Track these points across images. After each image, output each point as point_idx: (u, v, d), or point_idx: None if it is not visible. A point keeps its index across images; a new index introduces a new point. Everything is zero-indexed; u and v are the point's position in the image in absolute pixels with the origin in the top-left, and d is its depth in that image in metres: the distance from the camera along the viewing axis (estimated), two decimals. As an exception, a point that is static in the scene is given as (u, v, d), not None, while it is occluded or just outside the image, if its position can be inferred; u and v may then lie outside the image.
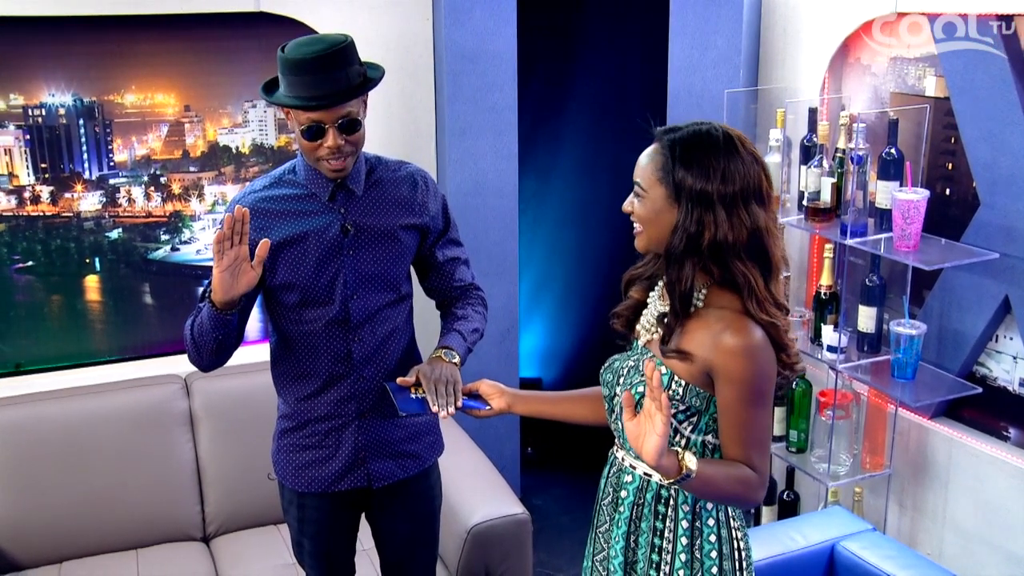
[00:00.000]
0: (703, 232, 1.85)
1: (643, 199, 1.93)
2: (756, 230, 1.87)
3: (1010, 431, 2.99)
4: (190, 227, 3.60)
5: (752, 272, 1.87)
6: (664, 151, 1.89)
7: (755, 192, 1.87)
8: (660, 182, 1.89)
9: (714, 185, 1.84)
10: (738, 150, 1.87)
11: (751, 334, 1.85)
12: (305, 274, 2.37)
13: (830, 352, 3.21)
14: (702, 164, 1.85)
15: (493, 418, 2.38)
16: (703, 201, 1.85)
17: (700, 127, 1.90)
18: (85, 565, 3.10)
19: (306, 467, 2.49)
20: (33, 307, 3.46)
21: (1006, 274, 2.91)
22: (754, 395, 1.86)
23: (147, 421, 3.27)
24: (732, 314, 1.88)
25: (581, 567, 3.72)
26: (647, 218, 1.93)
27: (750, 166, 1.87)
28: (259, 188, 2.41)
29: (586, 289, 5.04)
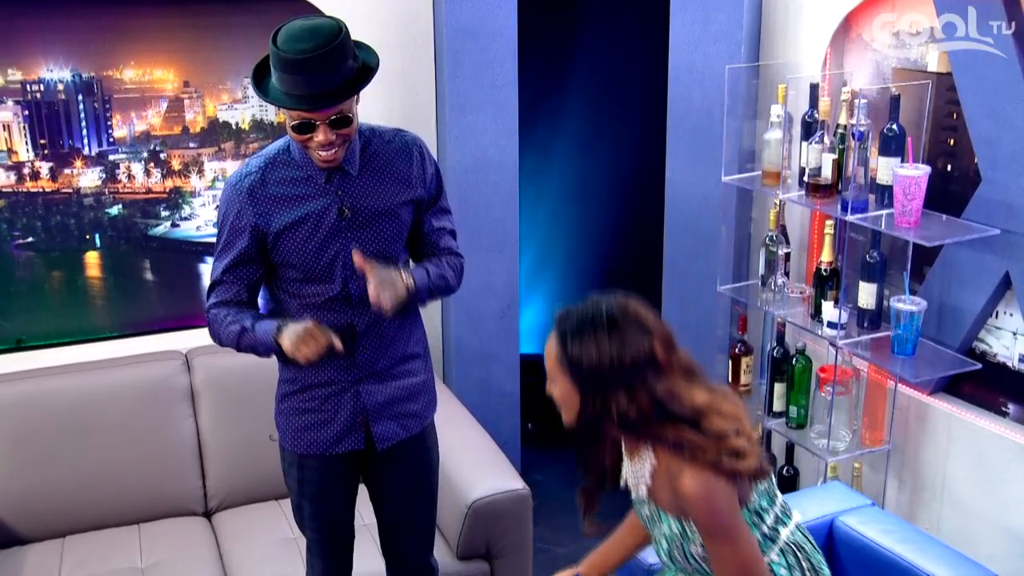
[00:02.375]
0: (609, 411, 1.92)
1: (554, 384, 2.00)
2: (655, 401, 1.92)
3: (1009, 407, 3.00)
4: (190, 203, 3.60)
5: (674, 430, 1.93)
6: (559, 340, 1.96)
7: (647, 362, 1.92)
8: (561, 371, 1.96)
9: (603, 367, 1.90)
10: (621, 325, 1.92)
11: (691, 486, 1.91)
12: (306, 255, 2.39)
13: (830, 328, 3.21)
14: (589, 348, 1.91)
15: (496, 395, 2.40)
16: (598, 383, 1.92)
17: (587, 310, 1.96)
18: (88, 539, 3.12)
19: (306, 430, 2.51)
20: (33, 283, 3.46)
21: (1007, 250, 2.91)
22: (720, 530, 1.94)
23: (148, 397, 3.28)
24: (677, 462, 1.94)
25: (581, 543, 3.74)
26: (561, 402, 2.01)
27: (637, 338, 1.92)
28: (255, 169, 2.40)
29: (586, 265, 5.04)
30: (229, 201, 2.40)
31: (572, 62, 4.73)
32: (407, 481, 2.63)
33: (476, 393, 3.83)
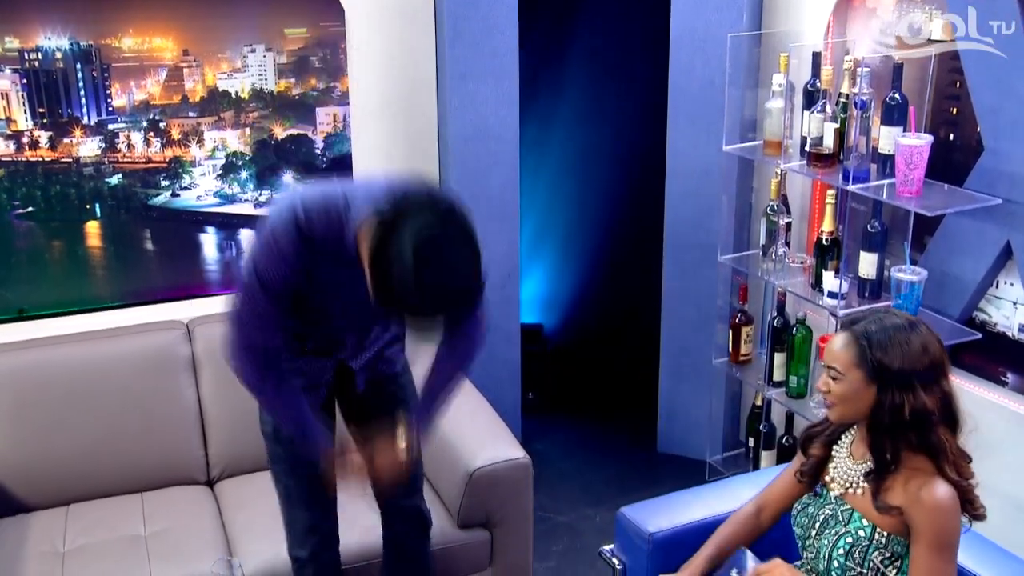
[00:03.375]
0: (904, 407, 2.07)
1: (841, 380, 2.15)
2: (946, 396, 2.11)
3: (1008, 376, 3.01)
4: (190, 173, 3.59)
5: (946, 436, 2.10)
6: (859, 339, 2.12)
7: (940, 365, 2.11)
8: (857, 366, 2.12)
9: (909, 365, 2.08)
10: (920, 329, 2.12)
11: (944, 495, 2.07)
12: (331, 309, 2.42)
13: (831, 298, 3.21)
14: (895, 347, 2.09)
15: (497, 365, 2.42)
16: (902, 380, 2.08)
17: (882, 316, 2.15)
18: (91, 507, 3.14)
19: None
20: (34, 253, 3.46)
21: (1008, 220, 2.91)
22: (942, 548, 2.07)
23: (150, 366, 3.29)
24: (927, 475, 2.10)
25: (580, 512, 3.78)
26: (845, 397, 2.15)
27: (932, 343, 2.11)
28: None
29: (587, 235, 5.04)
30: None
31: (573, 31, 4.71)
32: (381, 409, 2.59)
33: (477, 363, 3.82)
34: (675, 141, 3.90)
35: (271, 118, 3.65)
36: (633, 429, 4.48)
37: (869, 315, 2.17)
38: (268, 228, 2.20)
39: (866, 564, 2.14)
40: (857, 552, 2.15)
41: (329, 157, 3.75)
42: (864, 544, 2.14)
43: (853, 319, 2.19)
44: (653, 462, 4.28)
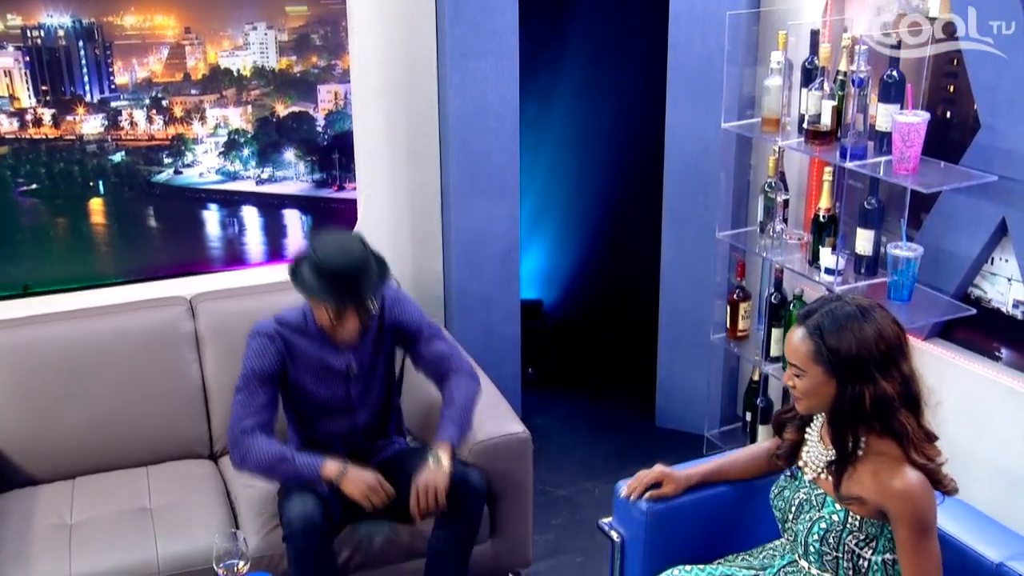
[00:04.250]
0: (864, 397, 2.09)
1: (803, 377, 2.16)
2: (906, 379, 2.12)
3: (1002, 351, 3.05)
4: (192, 150, 3.61)
5: (908, 420, 2.12)
6: (812, 334, 2.12)
7: (897, 348, 2.12)
8: (815, 362, 2.12)
9: (865, 353, 2.08)
10: (873, 315, 2.11)
11: (914, 481, 2.09)
12: (316, 398, 2.93)
13: (827, 274, 3.24)
14: (848, 338, 2.09)
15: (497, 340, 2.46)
16: (860, 371, 2.09)
17: (834, 306, 2.14)
18: (97, 481, 3.18)
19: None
20: (39, 230, 3.48)
21: (1004, 196, 2.93)
22: (922, 530, 2.10)
23: (154, 342, 3.32)
24: (893, 461, 2.12)
25: (579, 485, 3.83)
26: (809, 392, 2.17)
27: (887, 327, 2.11)
28: (276, 325, 2.90)
29: (586, 211, 5.06)
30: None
31: (573, 9, 4.71)
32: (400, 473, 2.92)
33: (477, 338, 3.87)
34: (674, 118, 3.92)
35: (273, 96, 3.67)
36: (632, 404, 4.52)
37: (822, 305, 2.17)
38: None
39: (841, 548, 2.18)
40: (831, 537, 2.18)
41: (330, 135, 3.77)
42: (838, 529, 2.18)
43: (808, 310, 2.18)
44: (651, 436, 4.33)
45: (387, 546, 2.98)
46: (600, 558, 3.28)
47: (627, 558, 2.59)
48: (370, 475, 2.77)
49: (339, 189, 3.83)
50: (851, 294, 2.21)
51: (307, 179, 3.78)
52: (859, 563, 2.18)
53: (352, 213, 3.84)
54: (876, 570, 2.17)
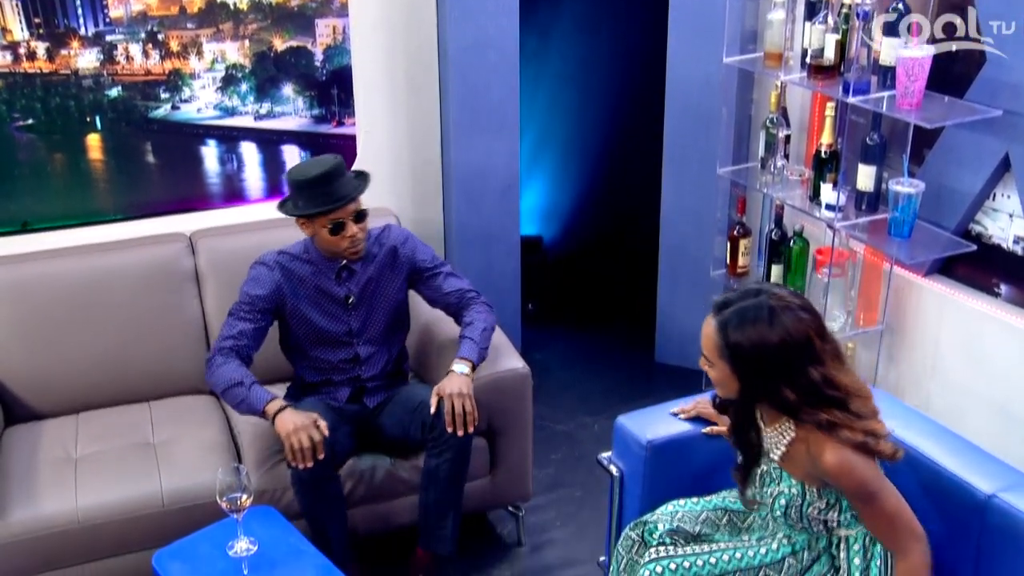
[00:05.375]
0: (765, 399, 2.07)
1: (712, 368, 2.15)
2: (814, 386, 2.06)
3: (1002, 288, 3.05)
4: (190, 85, 3.57)
5: (827, 413, 2.07)
6: (720, 330, 2.10)
7: (806, 353, 2.06)
8: (721, 358, 2.11)
9: (767, 359, 2.05)
10: (781, 318, 2.05)
11: (838, 459, 2.07)
12: (316, 326, 2.98)
13: (828, 211, 3.23)
14: (751, 340, 2.05)
15: (497, 276, 2.48)
16: (761, 373, 2.07)
17: (746, 300, 2.09)
18: (101, 416, 3.21)
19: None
20: (36, 165, 3.46)
21: (1008, 132, 2.90)
22: (867, 496, 2.10)
23: (154, 279, 3.33)
24: (820, 437, 2.09)
25: (579, 420, 3.87)
26: (718, 383, 2.16)
27: (795, 334, 2.05)
28: (276, 255, 2.98)
29: (587, 147, 5.04)
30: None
31: (574, -62, 4.64)
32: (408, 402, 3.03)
33: (477, 274, 3.87)
34: (675, 52, 3.87)
35: (270, 30, 3.62)
36: (631, 339, 4.54)
37: (739, 299, 2.11)
38: None
39: (805, 519, 2.20)
40: (793, 511, 2.20)
41: (329, 69, 3.73)
42: (797, 503, 2.19)
43: (724, 301, 2.14)
44: (650, 372, 4.35)
45: (387, 480, 3.02)
46: (599, 492, 3.33)
47: (626, 492, 2.63)
48: (305, 415, 2.75)
49: (338, 125, 3.80)
50: (777, 288, 2.15)
51: (306, 114, 3.76)
52: (829, 524, 2.21)
53: (351, 148, 3.82)
54: (849, 524, 2.21)
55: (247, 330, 2.90)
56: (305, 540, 2.60)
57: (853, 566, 2.21)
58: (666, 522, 2.40)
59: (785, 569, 2.26)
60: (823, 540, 2.25)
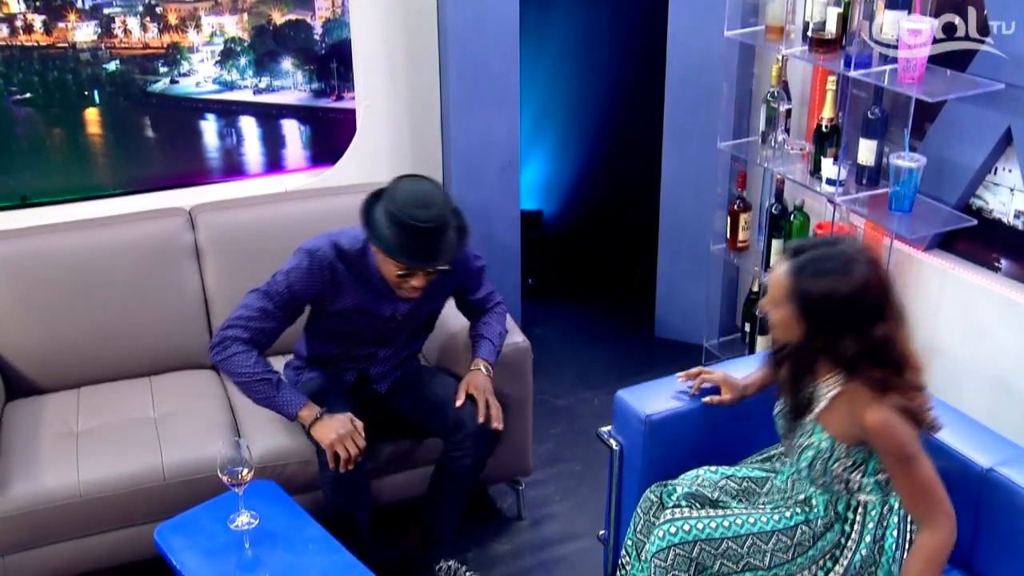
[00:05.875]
0: (826, 349, 2.10)
1: (775, 310, 2.16)
2: (876, 343, 2.08)
3: (1002, 262, 3.05)
4: (188, 59, 3.56)
5: (884, 373, 2.09)
6: (793, 274, 2.10)
7: (875, 311, 2.08)
8: (788, 301, 2.11)
9: (837, 310, 2.06)
10: (856, 270, 2.06)
11: (881, 419, 2.09)
12: (348, 330, 2.85)
13: (829, 185, 3.23)
14: (823, 287, 2.06)
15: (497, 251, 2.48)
16: (827, 322, 2.08)
17: (824, 249, 2.11)
18: (101, 390, 3.21)
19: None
20: (35, 140, 3.46)
21: (1010, 105, 2.89)
22: (904, 459, 2.12)
23: (154, 253, 3.32)
24: (866, 395, 2.11)
25: (579, 395, 3.87)
26: (779, 325, 2.17)
27: (869, 288, 2.06)
28: (334, 256, 2.73)
29: (587, 121, 5.02)
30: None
31: (574, -90, 4.60)
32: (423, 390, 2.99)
33: (477, 248, 3.84)
34: (676, 26, 3.85)
35: (269, 3, 3.60)
36: (631, 314, 4.54)
37: (816, 246, 2.13)
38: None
39: (828, 474, 2.22)
40: (819, 464, 2.22)
41: (328, 43, 3.71)
42: (825, 456, 2.21)
43: (800, 247, 2.15)
44: (650, 346, 4.36)
45: (394, 456, 3.04)
46: (599, 467, 3.34)
47: (626, 466, 2.64)
48: (345, 421, 2.70)
49: (338, 99, 3.79)
50: (854, 241, 2.17)
51: (305, 88, 3.74)
52: (851, 485, 2.22)
53: (351, 123, 3.80)
54: (870, 490, 2.22)
55: (268, 328, 2.76)
56: (306, 514, 2.61)
57: (866, 531, 2.23)
58: (686, 485, 2.43)
59: (797, 536, 2.28)
60: (841, 503, 2.26)
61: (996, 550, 2.32)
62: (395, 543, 3.05)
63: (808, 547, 2.28)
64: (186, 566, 2.43)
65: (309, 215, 3.32)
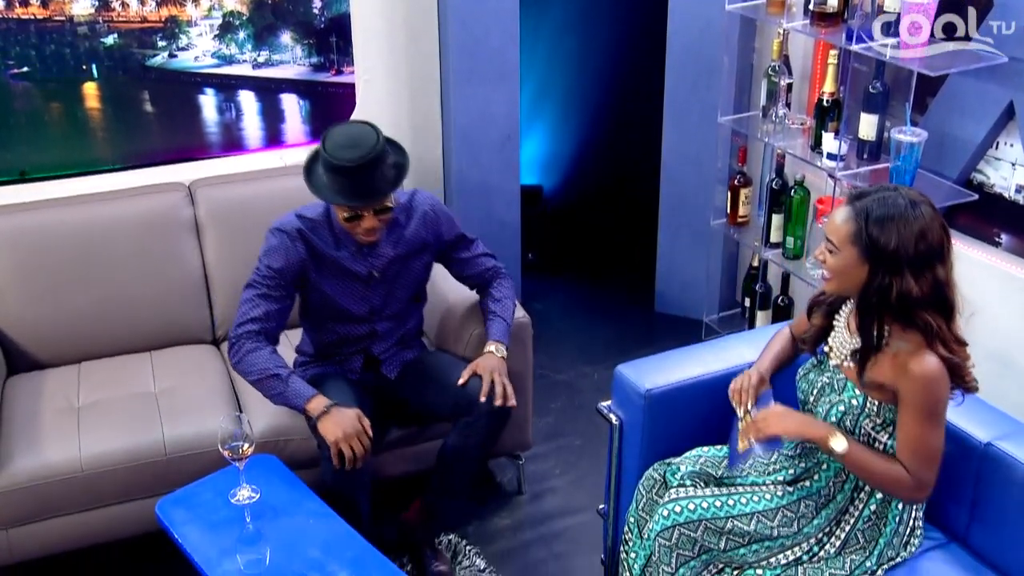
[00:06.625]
0: (891, 290, 2.10)
1: (836, 255, 2.17)
2: (938, 285, 2.11)
3: (1002, 237, 3.05)
4: (187, 33, 3.54)
5: (935, 319, 2.12)
6: (858, 217, 2.12)
7: (937, 252, 2.10)
8: (852, 243, 2.13)
9: (902, 249, 2.08)
10: (921, 211, 2.10)
11: (931, 365, 2.11)
12: (337, 304, 2.85)
13: (830, 160, 3.22)
14: (891, 230, 2.08)
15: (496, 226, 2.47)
16: (893, 263, 2.09)
17: (887, 195, 2.12)
18: (102, 365, 3.22)
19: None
20: (33, 114, 3.44)
21: (1013, 79, 2.88)
22: (928, 416, 2.14)
23: (154, 228, 3.32)
24: (915, 346, 2.13)
25: (578, 370, 3.86)
26: (839, 271, 2.18)
27: (932, 230, 2.10)
28: (300, 225, 2.78)
29: (587, 95, 5.00)
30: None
31: None
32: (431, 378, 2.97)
33: (477, 224, 3.86)
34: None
35: (267, -25, 3.58)
36: (631, 289, 4.54)
37: (877, 191, 2.16)
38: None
39: (857, 431, 2.23)
40: (848, 420, 2.23)
41: (327, 16, 3.69)
42: (855, 412, 2.22)
43: (860, 193, 2.18)
44: (650, 322, 4.36)
45: (399, 439, 3.06)
46: (599, 441, 3.35)
47: (626, 441, 2.64)
48: (352, 420, 2.67)
49: (337, 73, 3.77)
50: (906, 188, 2.18)
51: (304, 63, 3.72)
52: (875, 446, 2.23)
53: (351, 98, 3.79)
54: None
55: (272, 311, 2.75)
56: (307, 489, 2.62)
57: (875, 498, 2.26)
58: (689, 464, 2.44)
59: (801, 508, 2.30)
60: (850, 483, 2.28)
61: (994, 524, 2.33)
62: (396, 518, 3.06)
63: (812, 517, 2.30)
64: (187, 540, 2.45)
65: (308, 190, 3.31)
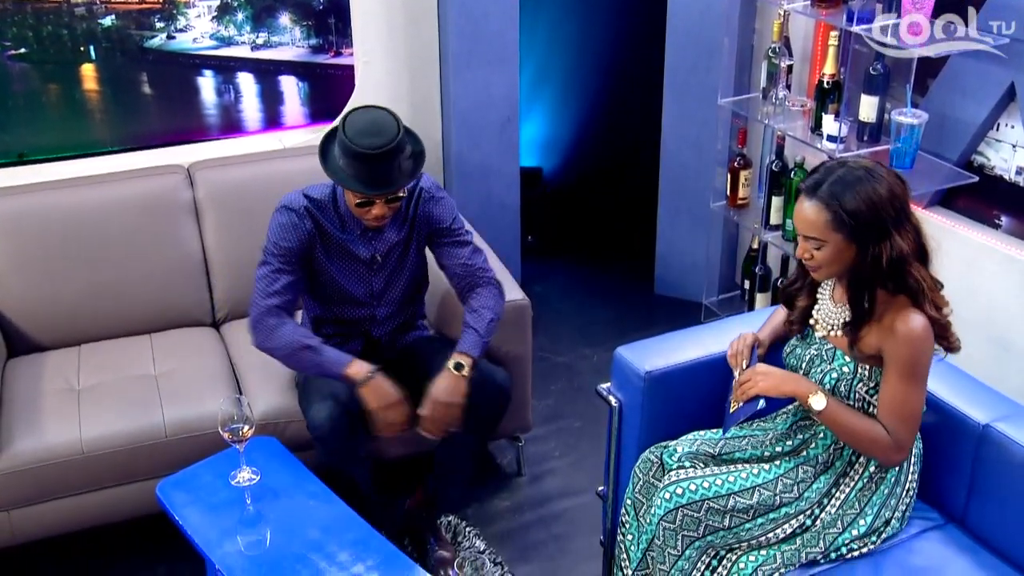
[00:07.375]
0: (883, 256, 2.13)
1: (823, 248, 2.18)
2: (916, 231, 2.17)
3: (1002, 219, 3.04)
4: (185, 14, 3.52)
5: (921, 272, 2.16)
6: (829, 204, 2.13)
7: (905, 205, 2.15)
8: (835, 231, 2.14)
9: (884, 213, 2.12)
10: (878, 174, 2.14)
11: (918, 325, 2.14)
12: (339, 286, 2.84)
13: (830, 142, 3.21)
14: (865, 202, 2.11)
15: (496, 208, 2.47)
16: (879, 232, 2.13)
17: (841, 173, 2.15)
18: (102, 348, 3.22)
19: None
20: (31, 96, 3.43)
21: (1015, 60, 2.87)
22: (911, 375, 2.17)
23: (153, 211, 3.31)
24: (901, 306, 2.17)
25: (578, 352, 3.87)
26: (829, 260, 2.19)
27: (895, 183, 2.14)
28: (307, 204, 2.77)
29: (587, 77, 4.99)
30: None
31: None
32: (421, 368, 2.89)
33: (477, 206, 3.86)
34: (678, -20, 3.82)
35: (265, -44, 3.57)
36: (631, 271, 4.54)
37: (827, 175, 2.16)
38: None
39: (852, 396, 2.25)
40: (843, 385, 2.25)
41: (325, -3, 3.67)
42: (849, 378, 2.24)
43: (815, 182, 2.17)
44: (650, 304, 4.37)
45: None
46: (598, 423, 3.35)
47: (625, 423, 2.65)
48: (395, 391, 2.69)
49: (336, 55, 3.76)
50: (852, 158, 2.21)
51: (303, 44, 3.71)
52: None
53: (350, 80, 3.78)
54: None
55: (289, 283, 2.74)
56: (307, 470, 2.63)
57: (874, 461, 2.28)
58: (686, 445, 2.45)
59: (800, 474, 2.32)
60: (848, 448, 2.29)
61: (992, 505, 2.34)
62: (399, 504, 3.07)
63: (812, 481, 2.31)
64: (188, 521, 2.45)
65: (307, 172, 3.29)
